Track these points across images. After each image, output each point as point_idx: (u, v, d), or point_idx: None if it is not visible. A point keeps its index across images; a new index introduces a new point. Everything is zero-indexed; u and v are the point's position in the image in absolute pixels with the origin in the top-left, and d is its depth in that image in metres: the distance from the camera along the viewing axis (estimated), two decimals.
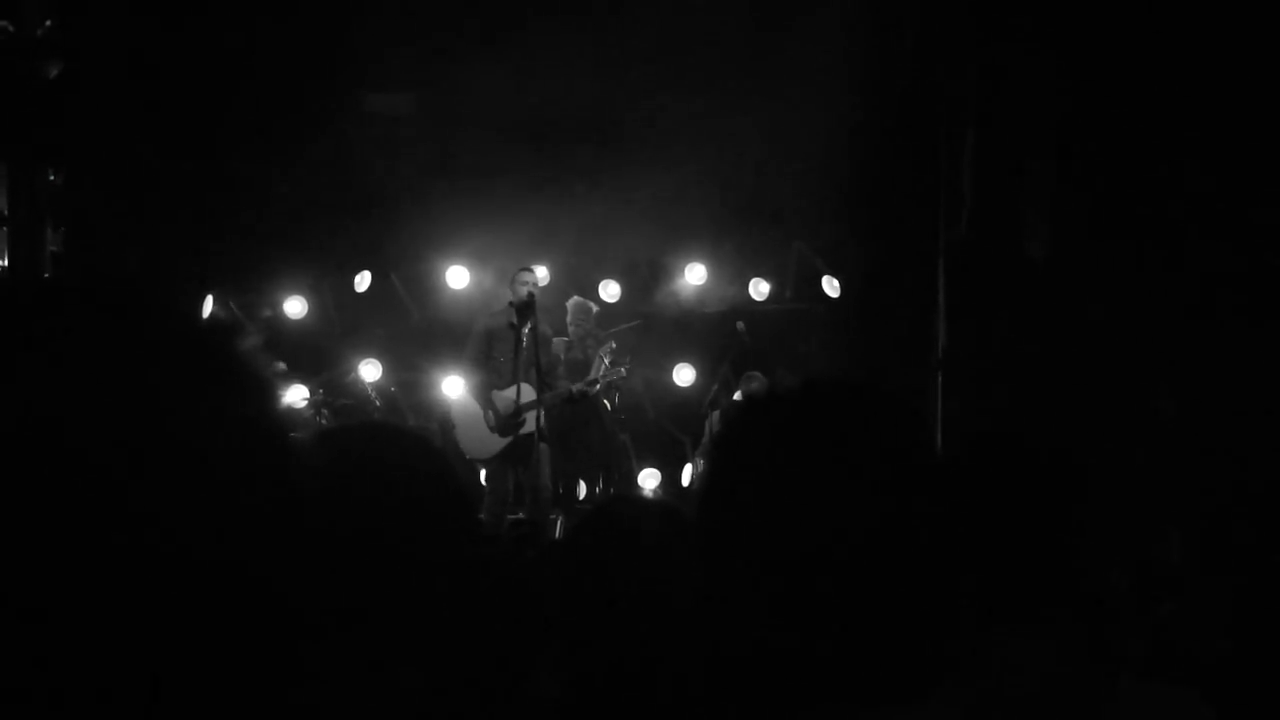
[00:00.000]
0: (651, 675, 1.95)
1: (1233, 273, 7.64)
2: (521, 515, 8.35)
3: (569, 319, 9.23)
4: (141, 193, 8.71)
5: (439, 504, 1.75)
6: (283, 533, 0.87)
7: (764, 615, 1.22)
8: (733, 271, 10.37)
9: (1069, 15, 8.24)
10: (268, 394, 0.91)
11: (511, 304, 8.39)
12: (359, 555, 1.68)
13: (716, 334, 10.23)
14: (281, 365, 9.33)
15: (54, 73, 6.80)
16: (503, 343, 8.49)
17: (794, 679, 1.24)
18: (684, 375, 10.11)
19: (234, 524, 0.83)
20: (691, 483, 9.57)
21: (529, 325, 8.30)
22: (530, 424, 8.26)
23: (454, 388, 8.97)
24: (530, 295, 8.29)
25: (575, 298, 9.45)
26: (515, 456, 8.43)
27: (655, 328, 10.13)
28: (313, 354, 9.91)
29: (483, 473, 8.77)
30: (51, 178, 7.46)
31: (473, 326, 8.75)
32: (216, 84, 8.87)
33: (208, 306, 9.54)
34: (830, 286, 10.08)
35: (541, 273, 9.82)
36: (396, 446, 1.82)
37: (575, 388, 8.54)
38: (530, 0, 9.40)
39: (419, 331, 10.24)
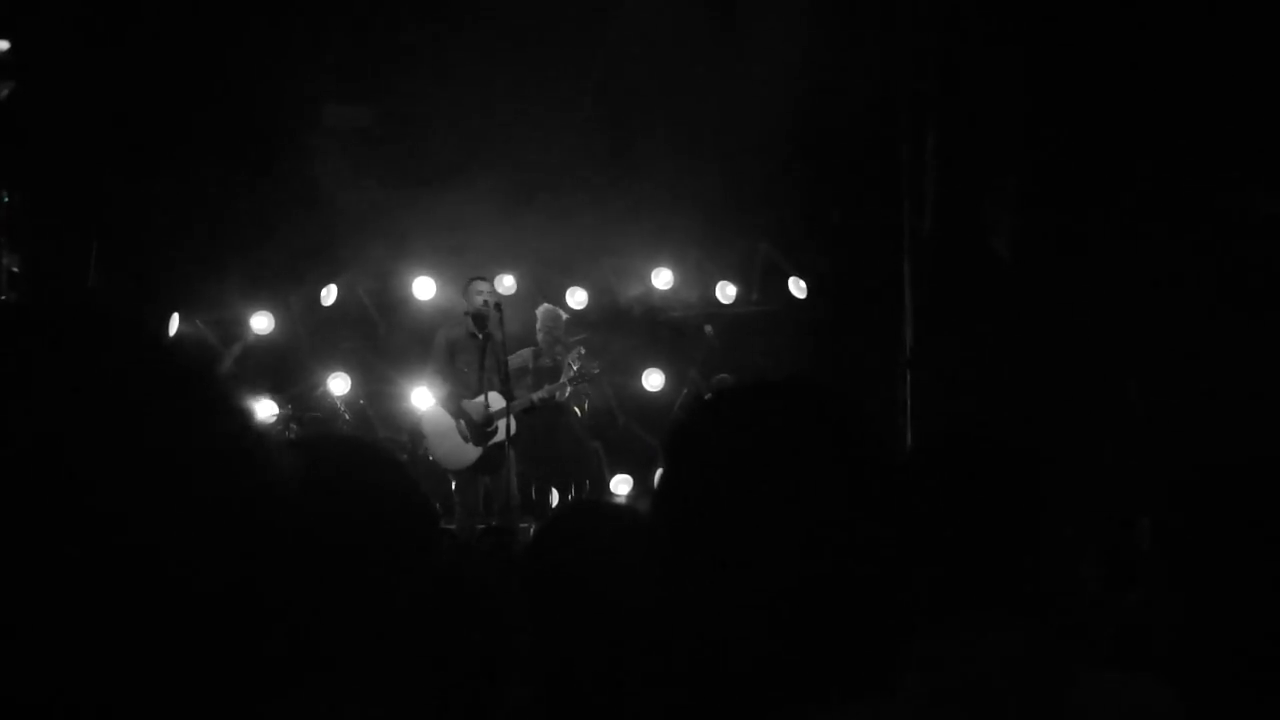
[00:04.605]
0: (618, 678, 1.94)
1: (1198, 265, 7.70)
2: (493, 524, 8.33)
3: (538, 326, 9.21)
4: (101, 212, 8.65)
5: (397, 514, 1.74)
6: (267, 545, 0.87)
7: (721, 612, 1.22)
8: (699, 275, 10.38)
9: (1032, 12, 8.29)
10: (242, 409, 0.90)
11: (468, 314, 8.42)
12: (319, 566, 1.67)
13: (685, 338, 10.23)
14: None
15: (6, 93, 6.75)
16: (465, 353, 8.50)
17: (756, 675, 1.23)
18: (653, 380, 10.11)
19: (217, 538, 0.83)
20: None
21: (489, 333, 8.32)
22: (501, 432, 8.26)
23: (423, 399, 8.95)
24: (486, 304, 8.30)
25: (544, 305, 9.43)
26: (487, 465, 8.43)
27: (623, 333, 10.12)
28: (280, 369, 9.86)
29: (453, 483, 8.75)
30: (7, 199, 7.40)
31: (433, 339, 8.74)
32: (174, 101, 8.81)
33: (174, 325, 9.48)
34: (797, 288, 10.11)
35: (508, 281, 9.81)
36: (353, 458, 1.81)
37: (539, 394, 8.53)
38: (489, 9, 9.38)
39: (386, 344, 10.20)
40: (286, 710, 1.48)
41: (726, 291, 10.35)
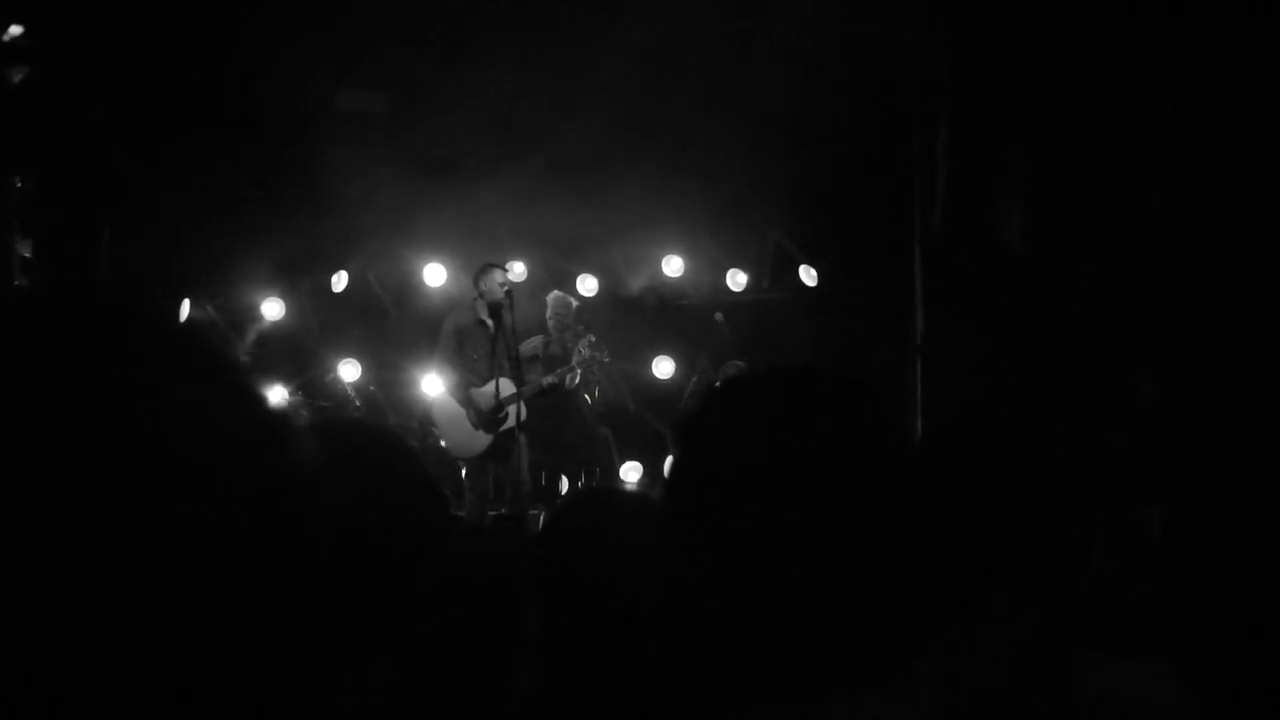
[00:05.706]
0: (628, 666, 1.95)
1: (1209, 255, 7.68)
2: (503, 510, 8.35)
3: (548, 313, 9.21)
4: (112, 197, 8.65)
5: (408, 500, 1.75)
6: (291, 533, 0.87)
7: (732, 600, 1.22)
8: (710, 263, 10.37)
9: (1042, 3, 8.27)
10: (260, 395, 0.90)
11: (483, 299, 8.40)
12: (331, 553, 1.68)
13: (695, 325, 10.24)
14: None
15: (19, 78, 6.75)
16: (474, 340, 8.49)
17: (767, 664, 1.24)
18: (663, 367, 10.11)
19: (243, 527, 0.83)
20: None
21: (500, 320, 8.31)
22: (512, 419, 8.26)
23: (433, 386, 8.96)
24: (508, 293, 8.28)
25: (555, 292, 9.43)
26: (498, 453, 8.43)
27: (634, 320, 10.13)
28: (291, 355, 9.88)
29: (463, 470, 8.76)
30: (19, 184, 7.41)
31: (442, 326, 8.73)
32: (186, 86, 8.81)
33: (185, 310, 9.51)
34: (807, 276, 10.10)
35: (519, 268, 9.81)
36: (364, 444, 1.81)
37: (549, 379, 8.53)
38: None
39: (397, 330, 10.21)
40: (307, 697, 1.49)
41: (737, 279, 10.34)
